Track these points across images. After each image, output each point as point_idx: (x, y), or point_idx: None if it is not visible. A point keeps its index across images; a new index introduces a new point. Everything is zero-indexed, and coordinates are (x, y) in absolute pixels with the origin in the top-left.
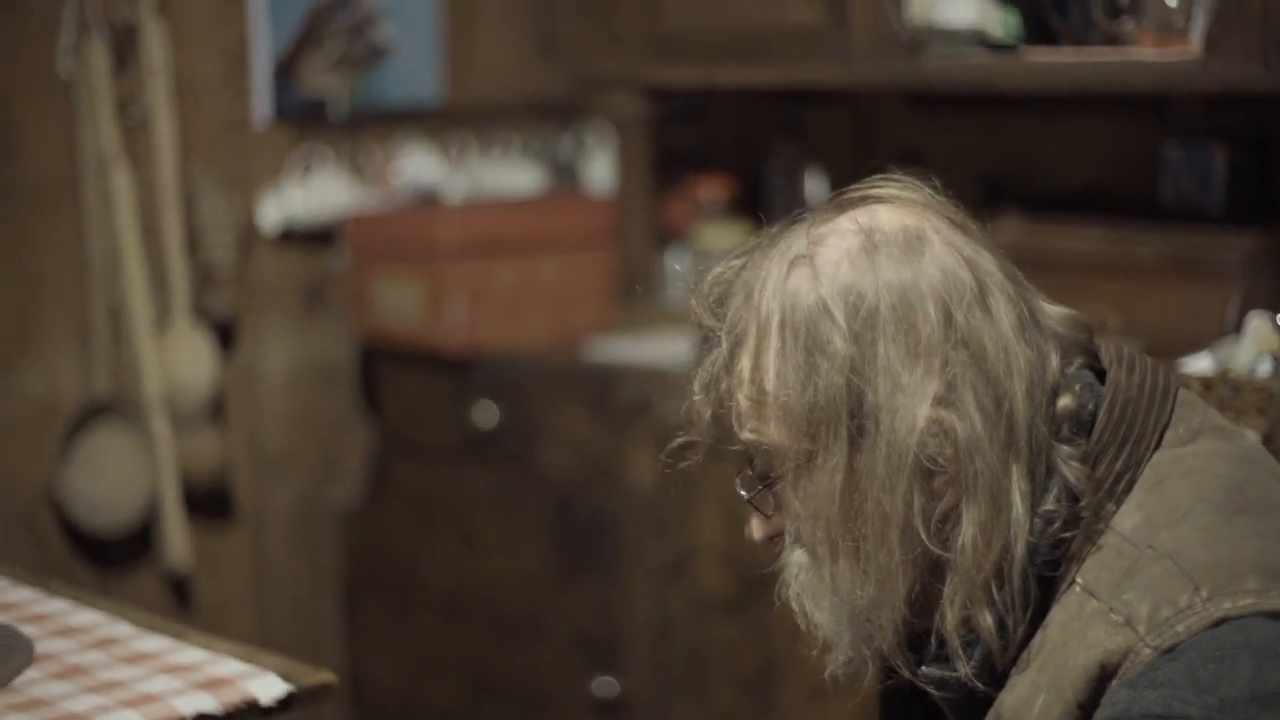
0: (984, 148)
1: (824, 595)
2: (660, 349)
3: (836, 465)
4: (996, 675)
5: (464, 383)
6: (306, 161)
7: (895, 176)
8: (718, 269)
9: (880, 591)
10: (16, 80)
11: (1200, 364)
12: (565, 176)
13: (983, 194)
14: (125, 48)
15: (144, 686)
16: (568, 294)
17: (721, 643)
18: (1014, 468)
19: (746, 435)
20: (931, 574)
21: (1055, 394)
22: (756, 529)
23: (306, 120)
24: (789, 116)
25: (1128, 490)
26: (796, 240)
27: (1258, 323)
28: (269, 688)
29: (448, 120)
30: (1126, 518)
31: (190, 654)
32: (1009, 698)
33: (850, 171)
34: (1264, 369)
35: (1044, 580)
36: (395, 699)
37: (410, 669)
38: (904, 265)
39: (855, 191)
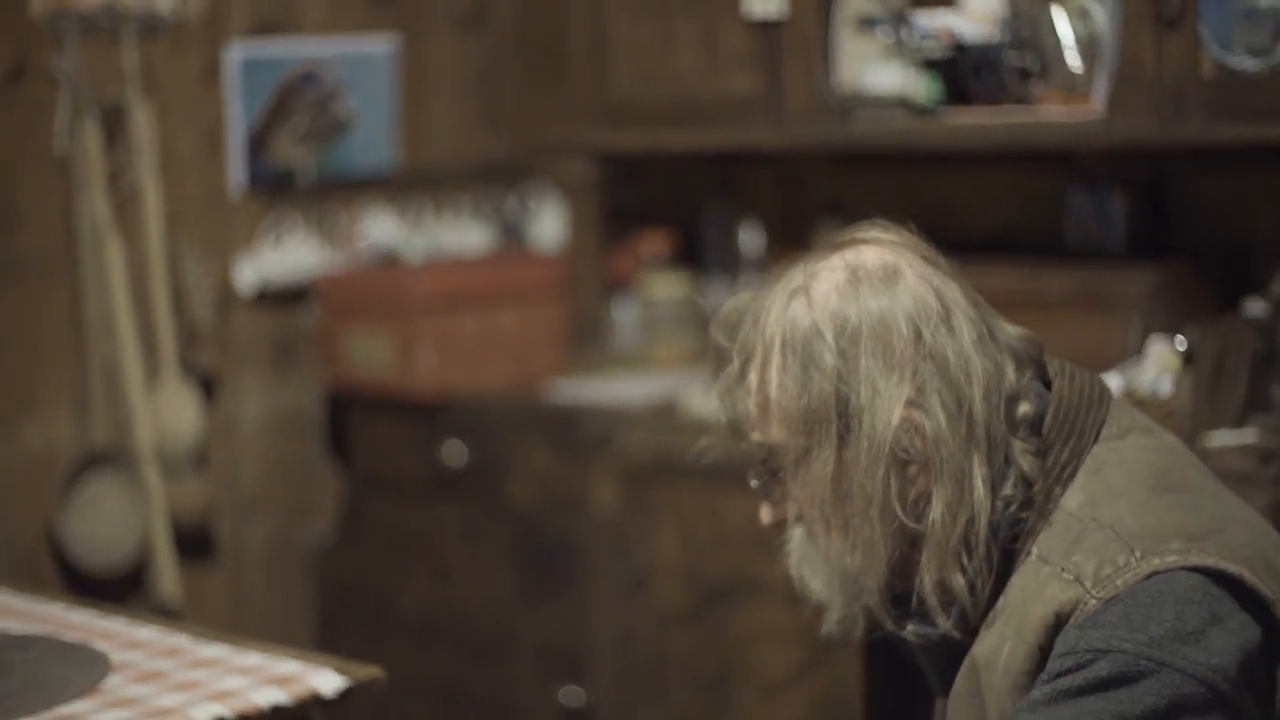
0: (904, 198)
1: (819, 565)
2: (613, 389)
3: (828, 457)
4: (969, 629)
5: (433, 425)
6: (278, 227)
7: (881, 223)
8: (733, 301)
9: (865, 559)
10: (17, 159)
11: (1111, 383)
12: (511, 235)
13: None
14: (114, 127)
15: (219, 685)
16: (526, 341)
17: (680, 651)
18: (975, 457)
19: (756, 436)
20: (911, 545)
21: (1015, 401)
22: (765, 515)
23: (277, 189)
24: (723, 175)
25: (1072, 476)
26: (796, 275)
27: (1159, 347)
28: (328, 681)
29: (405, 185)
30: (1072, 498)
31: (250, 658)
32: (980, 648)
33: (780, 224)
34: (1165, 387)
35: (1006, 552)
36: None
37: (384, 690)
38: (882, 294)
39: (848, 235)
